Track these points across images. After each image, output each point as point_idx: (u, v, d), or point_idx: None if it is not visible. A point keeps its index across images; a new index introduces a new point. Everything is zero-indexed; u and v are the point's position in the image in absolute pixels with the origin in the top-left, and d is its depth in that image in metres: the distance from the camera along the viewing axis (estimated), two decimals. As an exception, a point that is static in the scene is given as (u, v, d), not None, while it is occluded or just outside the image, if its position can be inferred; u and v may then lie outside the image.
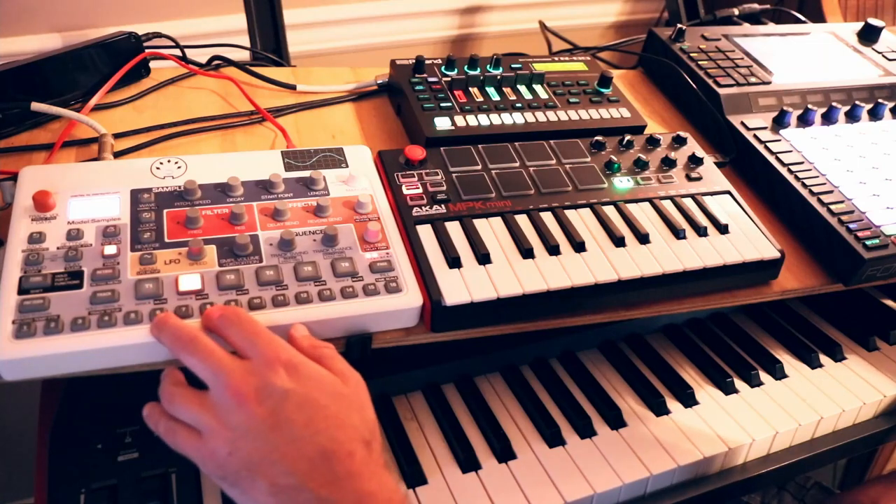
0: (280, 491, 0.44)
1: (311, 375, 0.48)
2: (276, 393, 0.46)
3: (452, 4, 1.44)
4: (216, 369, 0.46)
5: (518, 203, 0.70)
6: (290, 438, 0.45)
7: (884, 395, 0.81)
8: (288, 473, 0.44)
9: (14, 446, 1.30)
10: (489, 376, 0.79)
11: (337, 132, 0.82)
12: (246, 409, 0.45)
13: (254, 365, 0.47)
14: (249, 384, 0.46)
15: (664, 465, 0.69)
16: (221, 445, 0.45)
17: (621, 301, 0.68)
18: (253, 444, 0.45)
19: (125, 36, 0.80)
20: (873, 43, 1.10)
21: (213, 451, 0.46)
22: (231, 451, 0.45)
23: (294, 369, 0.47)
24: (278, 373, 0.46)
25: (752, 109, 0.92)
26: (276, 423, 0.45)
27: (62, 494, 0.58)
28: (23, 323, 0.50)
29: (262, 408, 0.45)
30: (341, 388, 0.49)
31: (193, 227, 0.60)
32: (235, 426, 0.45)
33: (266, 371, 0.46)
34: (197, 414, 0.47)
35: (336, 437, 0.46)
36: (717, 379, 0.80)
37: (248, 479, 0.45)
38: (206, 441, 0.46)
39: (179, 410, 0.48)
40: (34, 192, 0.59)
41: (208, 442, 0.46)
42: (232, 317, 0.50)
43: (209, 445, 0.46)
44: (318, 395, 0.47)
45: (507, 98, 0.84)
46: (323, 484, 0.44)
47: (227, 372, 0.46)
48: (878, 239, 0.74)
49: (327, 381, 0.48)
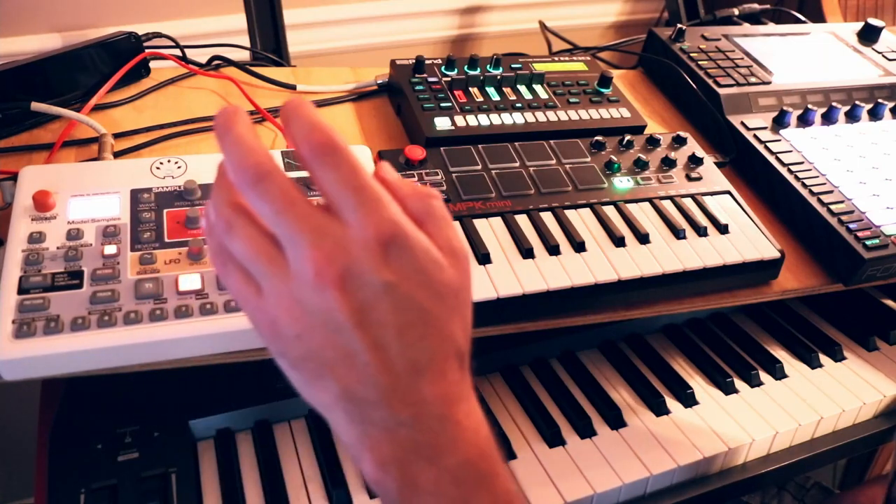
0: (352, 399, 0.35)
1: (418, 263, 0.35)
2: (369, 285, 0.34)
3: (452, 4, 1.44)
4: (298, 227, 0.33)
5: (518, 203, 0.70)
6: (378, 344, 0.35)
7: (884, 395, 0.81)
8: (367, 384, 0.35)
9: (14, 446, 1.30)
10: (489, 376, 0.79)
11: (337, 132, 0.82)
12: (328, 294, 0.33)
13: (350, 236, 0.34)
14: (338, 262, 0.33)
15: (664, 465, 0.69)
16: (287, 322, 0.35)
17: (621, 301, 0.68)
18: (330, 338, 0.34)
19: (125, 36, 0.80)
20: (873, 43, 1.10)
21: (273, 321, 0.35)
22: (299, 334, 0.35)
23: (400, 251, 0.34)
24: (379, 256, 0.34)
25: (752, 109, 0.92)
26: (362, 322, 0.34)
27: (62, 494, 0.58)
28: (23, 323, 0.50)
29: (349, 298, 0.34)
30: (449, 279, 0.36)
31: (193, 226, 0.60)
32: (309, 308, 0.34)
33: (364, 251, 0.34)
34: (264, 266, 0.35)
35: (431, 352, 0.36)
36: (717, 379, 0.80)
37: (314, 372, 0.36)
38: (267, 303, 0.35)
39: (239, 248, 0.35)
40: (34, 191, 0.59)
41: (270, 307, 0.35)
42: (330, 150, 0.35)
43: (270, 312, 0.35)
44: (421, 294, 0.35)
45: (507, 98, 0.84)
46: (406, 404, 0.35)
47: (313, 237, 0.33)
48: (878, 239, 0.74)
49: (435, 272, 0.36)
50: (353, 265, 0.34)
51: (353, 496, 0.63)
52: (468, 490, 0.36)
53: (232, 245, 0.36)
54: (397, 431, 0.36)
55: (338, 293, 0.33)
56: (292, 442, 0.68)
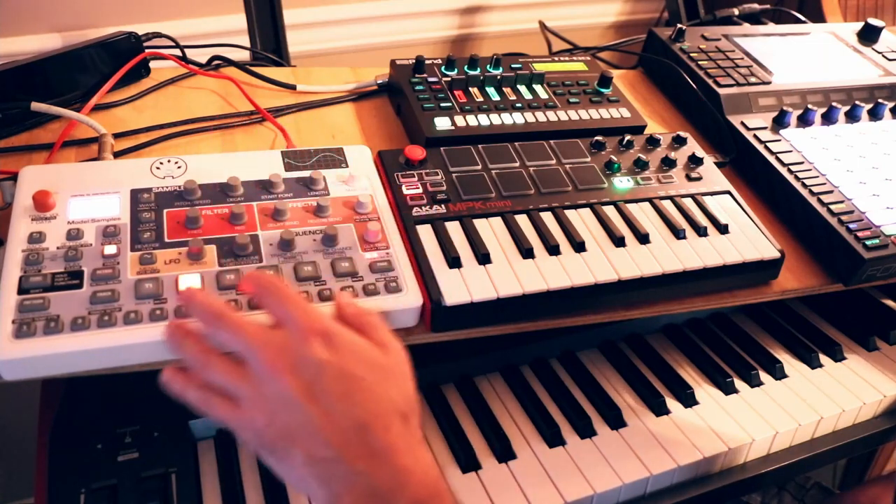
0: (316, 462, 0.44)
1: (348, 346, 0.47)
2: (311, 365, 0.45)
3: (452, 4, 1.44)
4: (250, 342, 0.46)
5: (518, 203, 0.70)
6: (327, 410, 0.44)
7: (884, 395, 0.81)
8: (324, 445, 0.44)
9: (14, 446, 1.30)
10: (489, 376, 0.79)
11: (337, 132, 0.82)
12: (282, 381, 0.44)
13: (289, 336, 0.46)
14: (285, 356, 0.45)
15: (664, 465, 0.69)
16: (259, 415, 0.45)
17: (621, 301, 0.68)
18: (290, 416, 0.44)
19: (125, 36, 0.80)
20: (873, 43, 1.10)
21: (250, 420, 0.45)
22: (269, 422, 0.45)
23: (330, 339, 0.46)
24: (313, 344, 0.45)
25: (752, 109, 0.92)
26: (311, 395, 0.44)
27: (62, 494, 0.58)
28: (23, 323, 0.50)
29: (298, 380, 0.44)
30: (380, 359, 0.48)
31: (193, 227, 0.60)
32: (272, 397, 0.45)
33: (301, 343, 0.45)
34: (235, 382, 0.46)
35: (372, 410, 0.45)
36: (717, 379, 0.80)
37: (284, 449, 0.45)
38: (244, 410, 0.45)
39: (216, 376, 0.47)
40: (34, 191, 0.59)
41: (246, 411, 0.45)
42: (268, 286, 0.49)
43: (247, 415, 0.45)
44: (354, 366, 0.46)
45: (507, 98, 0.84)
46: (358, 456, 0.44)
47: (262, 344, 0.45)
48: (878, 239, 0.74)
49: (365, 352, 0.47)
50: (296, 354, 0.45)
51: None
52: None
53: (211, 376, 0.47)
54: (356, 481, 0.44)
55: (289, 377, 0.44)
56: (292, 442, 0.68)
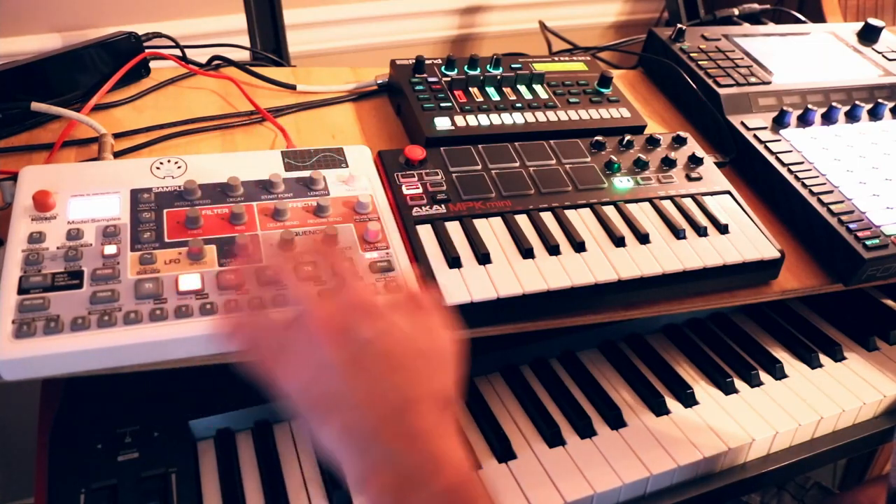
0: (351, 434, 0.44)
1: (394, 329, 0.47)
2: (356, 339, 0.45)
3: (452, 4, 1.44)
4: (304, 300, 0.46)
5: (518, 203, 0.70)
6: (369, 386, 0.44)
7: (884, 395, 0.81)
8: (363, 419, 0.44)
9: (14, 446, 1.30)
10: (489, 376, 0.79)
11: (337, 132, 0.82)
12: (327, 346, 0.44)
13: (338, 306, 0.46)
14: (331, 322, 0.45)
15: (664, 465, 0.69)
16: (303, 371, 0.45)
17: (621, 301, 0.68)
18: (336, 380, 0.44)
19: (125, 36, 0.80)
20: (873, 43, 1.10)
21: (295, 374, 0.45)
22: (312, 379, 0.44)
23: (377, 320, 0.46)
24: (361, 321, 0.46)
25: (752, 109, 0.92)
26: (354, 368, 0.44)
27: (62, 494, 0.58)
28: (23, 323, 0.50)
29: (341, 350, 0.44)
30: (424, 345, 0.47)
31: (193, 226, 0.60)
32: (319, 359, 0.44)
33: (350, 317, 0.46)
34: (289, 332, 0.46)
35: (411, 395, 0.45)
36: (717, 379, 0.80)
37: (323, 412, 0.44)
38: (289, 362, 0.45)
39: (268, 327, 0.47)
40: (34, 191, 0.59)
41: (290, 363, 0.45)
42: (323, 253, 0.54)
43: (291, 367, 0.45)
44: (397, 350, 0.46)
45: (507, 98, 0.84)
46: (393, 437, 0.43)
47: (315, 305, 0.46)
48: (878, 239, 0.74)
49: (409, 338, 0.47)
50: (342, 324, 0.45)
51: (354, 497, 0.63)
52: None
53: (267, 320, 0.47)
54: (391, 462, 0.43)
55: (333, 346, 0.44)
56: (292, 442, 0.68)
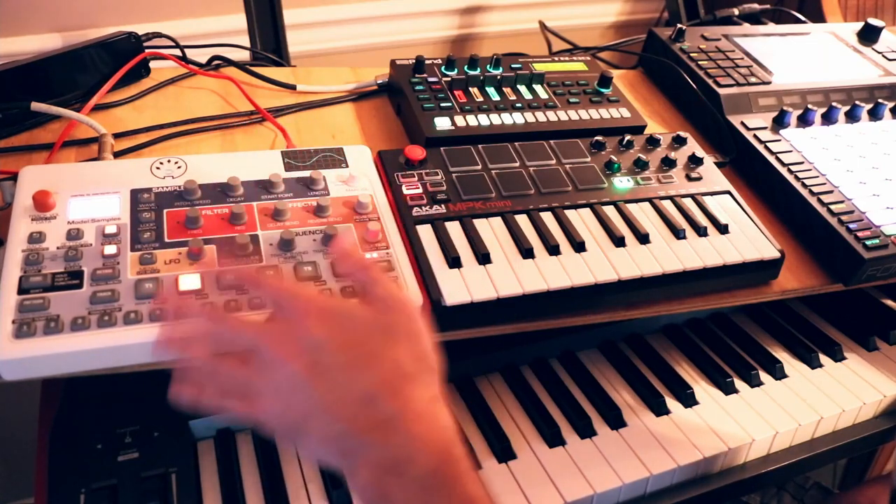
0: (328, 440, 0.44)
1: (344, 317, 0.47)
2: (311, 345, 0.45)
3: (452, 4, 1.44)
4: (253, 335, 0.46)
5: (518, 203, 0.70)
6: (331, 387, 0.44)
7: (884, 395, 0.81)
8: (332, 422, 0.44)
9: (14, 446, 1.30)
10: (489, 376, 0.79)
11: (337, 132, 0.82)
12: (287, 367, 0.44)
13: (286, 323, 0.47)
14: (286, 341, 0.45)
15: (664, 465, 0.69)
16: (275, 404, 0.45)
17: (621, 301, 0.68)
18: (300, 398, 0.44)
19: (125, 36, 0.80)
20: (873, 43, 1.10)
21: (267, 411, 0.45)
22: (284, 408, 0.45)
23: (324, 316, 0.46)
24: (309, 325, 0.45)
25: (752, 109, 0.92)
26: (315, 374, 0.44)
27: (62, 494, 0.58)
28: (23, 323, 0.50)
29: (300, 361, 0.44)
30: (380, 321, 0.47)
31: (193, 227, 0.60)
32: (283, 384, 0.45)
33: (297, 327, 0.46)
34: (247, 378, 0.46)
35: (376, 378, 0.45)
36: (717, 379, 0.80)
37: (301, 432, 0.45)
38: (261, 403, 0.46)
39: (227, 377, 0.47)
40: (34, 191, 0.59)
41: (262, 403, 0.46)
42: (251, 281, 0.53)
43: (262, 407, 0.45)
44: (353, 335, 0.46)
45: (507, 98, 0.84)
46: (367, 428, 0.43)
47: (265, 335, 0.46)
48: (878, 239, 0.74)
49: (362, 318, 0.47)
50: (294, 338, 0.45)
51: (353, 496, 0.63)
52: (432, 497, 0.43)
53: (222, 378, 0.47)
54: (368, 453, 0.43)
55: (294, 360, 0.44)
56: (292, 442, 0.68)
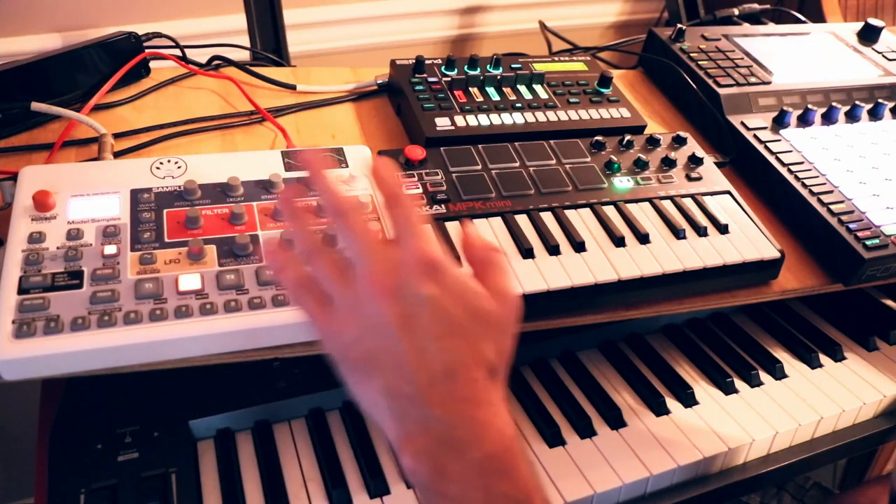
0: (395, 395, 0.42)
1: (457, 286, 0.44)
2: (413, 295, 0.42)
3: (452, 4, 1.44)
4: (364, 250, 0.43)
5: (518, 203, 0.70)
6: (418, 347, 0.42)
7: (884, 395, 0.81)
8: (407, 381, 0.42)
9: (14, 446, 1.30)
10: (489, 376, 0.79)
11: (337, 132, 0.82)
12: (380, 302, 0.42)
13: (401, 258, 0.44)
14: (390, 277, 0.43)
15: (664, 465, 0.69)
16: (349, 328, 0.43)
17: (621, 301, 0.68)
18: (380, 340, 0.42)
19: (125, 36, 0.80)
20: (873, 43, 1.10)
21: (338, 330, 0.43)
22: (357, 338, 0.43)
23: (441, 275, 0.43)
24: (422, 274, 0.43)
25: (752, 109, 0.92)
26: (407, 327, 0.42)
27: (62, 494, 0.58)
28: (23, 323, 0.50)
29: (396, 306, 0.42)
30: (485, 307, 0.45)
31: (193, 226, 0.60)
32: (367, 315, 0.43)
33: (410, 269, 0.43)
34: (337, 284, 0.44)
35: (462, 359, 0.43)
36: (717, 379, 0.80)
37: (365, 371, 0.43)
38: (335, 317, 0.44)
39: (321, 269, 0.45)
40: (34, 191, 0.59)
41: (336, 318, 0.44)
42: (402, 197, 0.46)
43: (336, 323, 0.44)
44: (456, 309, 0.43)
45: (507, 98, 0.84)
46: (439, 402, 0.42)
47: (373, 257, 0.43)
48: (878, 239, 0.74)
49: (472, 297, 0.44)
50: (402, 279, 0.42)
51: (353, 496, 0.63)
52: (490, 480, 0.41)
53: (315, 265, 0.45)
54: (430, 427, 0.41)
55: (389, 301, 0.42)
56: (292, 442, 0.68)
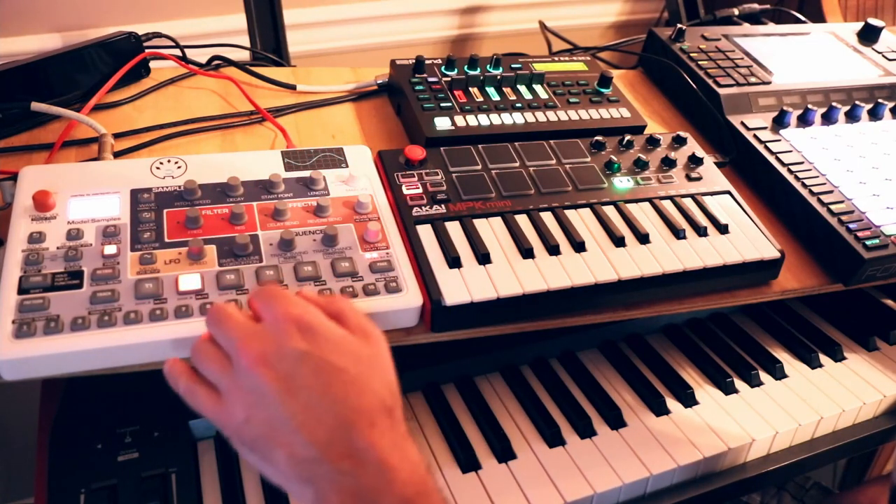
0: (298, 462, 0.42)
1: (328, 336, 0.45)
2: (289, 356, 0.43)
3: (452, 4, 1.44)
4: (231, 333, 0.45)
5: (518, 203, 0.70)
6: (307, 406, 0.42)
7: (884, 395, 0.81)
8: (306, 444, 0.42)
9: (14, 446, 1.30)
10: (489, 376, 0.79)
11: (337, 132, 0.82)
12: (259, 372, 0.42)
13: (267, 327, 0.45)
14: (261, 347, 0.43)
15: (664, 465, 0.69)
16: (239, 410, 0.43)
17: (621, 301, 0.68)
18: (270, 411, 0.43)
19: (125, 36, 0.80)
20: (873, 43, 1.10)
21: (230, 414, 0.44)
22: (248, 418, 0.43)
23: (308, 328, 0.44)
24: (291, 334, 0.44)
25: (752, 109, 0.92)
26: (291, 389, 0.42)
27: (62, 494, 0.58)
28: (23, 323, 0.50)
29: (275, 372, 0.43)
30: (361, 349, 0.46)
31: (193, 227, 0.60)
32: (251, 390, 0.43)
33: (278, 332, 0.44)
34: (218, 374, 0.45)
35: (355, 406, 0.43)
36: (717, 379, 0.80)
37: (265, 447, 0.43)
38: (225, 404, 0.44)
39: (203, 366, 0.46)
40: (34, 191, 0.59)
41: (226, 405, 0.44)
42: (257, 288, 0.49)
43: (227, 409, 0.44)
44: (335, 357, 0.44)
45: (507, 98, 0.84)
46: (342, 456, 0.42)
47: (241, 335, 0.44)
48: (878, 239, 0.74)
49: (345, 342, 0.45)
50: (274, 344, 0.44)
51: None
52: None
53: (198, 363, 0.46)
54: (341, 481, 0.42)
55: (264, 369, 0.43)
56: (292, 442, 0.68)
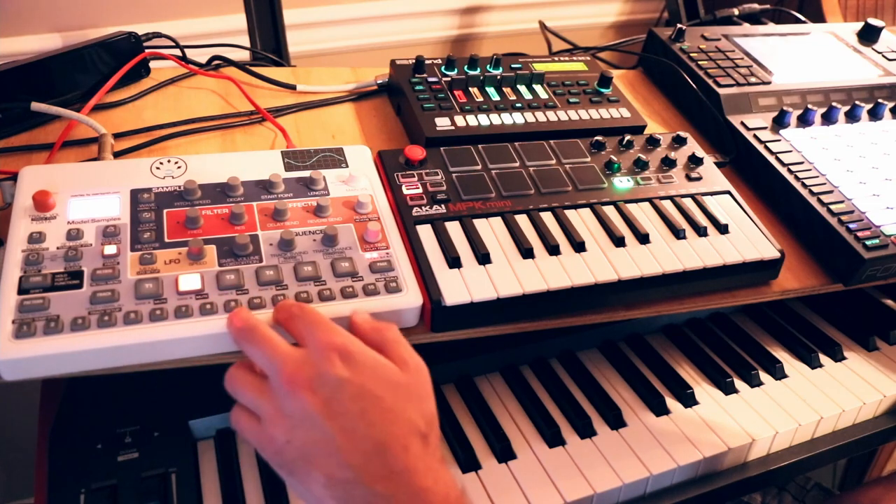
0: (335, 484, 0.44)
1: (367, 364, 0.47)
2: (329, 382, 0.45)
3: (452, 4, 1.44)
4: (271, 357, 0.46)
5: (518, 203, 0.70)
6: (345, 429, 0.44)
7: (884, 395, 0.81)
8: (343, 466, 0.44)
9: (14, 446, 1.30)
10: (489, 376, 0.79)
11: (337, 132, 0.82)
12: (300, 397, 0.44)
13: (309, 353, 0.47)
14: (303, 372, 0.45)
15: (664, 465, 0.69)
16: (279, 433, 0.45)
17: (621, 301, 0.68)
18: (309, 434, 0.44)
19: (125, 36, 0.80)
20: (873, 43, 1.10)
21: (270, 437, 0.46)
22: (288, 440, 0.45)
23: (349, 357, 0.46)
24: (333, 361, 0.46)
25: (752, 109, 0.92)
26: (330, 413, 0.44)
27: (62, 494, 0.58)
28: (23, 323, 0.50)
29: (316, 397, 0.45)
30: (399, 377, 0.48)
31: (193, 227, 0.60)
32: (291, 414, 0.45)
33: (320, 359, 0.46)
34: (255, 399, 0.47)
35: (391, 431, 0.45)
36: (717, 379, 0.80)
37: (304, 469, 0.45)
38: (265, 427, 0.46)
39: (239, 394, 0.48)
40: (34, 192, 0.59)
41: (266, 428, 0.46)
42: (295, 309, 0.50)
43: (267, 432, 0.46)
44: (373, 385, 0.46)
45: (507, 98, 0.84)
46: (378, 478, 0.44)
47: (282, 359, 0.46)
48: (878, 239, 0.74)
49: (384, 370, 0.47)
50: (314, 370, 0.45)
51: None
52: None
53: (234, 392, 0.48)
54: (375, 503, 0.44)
55: (308, 393, 0.45)
56: (292, 442, 0.68)
